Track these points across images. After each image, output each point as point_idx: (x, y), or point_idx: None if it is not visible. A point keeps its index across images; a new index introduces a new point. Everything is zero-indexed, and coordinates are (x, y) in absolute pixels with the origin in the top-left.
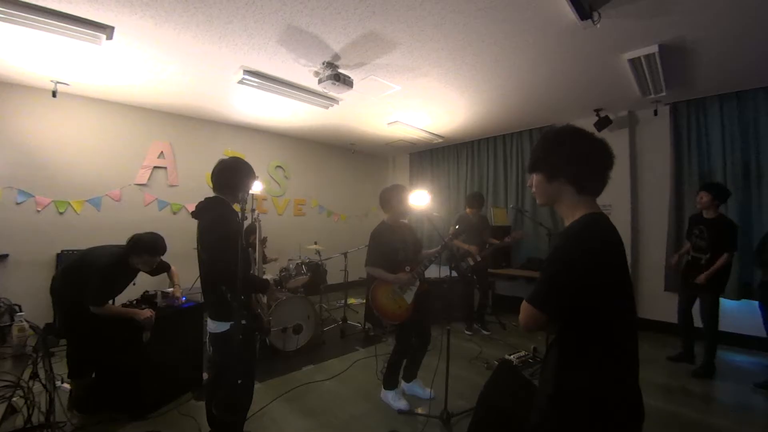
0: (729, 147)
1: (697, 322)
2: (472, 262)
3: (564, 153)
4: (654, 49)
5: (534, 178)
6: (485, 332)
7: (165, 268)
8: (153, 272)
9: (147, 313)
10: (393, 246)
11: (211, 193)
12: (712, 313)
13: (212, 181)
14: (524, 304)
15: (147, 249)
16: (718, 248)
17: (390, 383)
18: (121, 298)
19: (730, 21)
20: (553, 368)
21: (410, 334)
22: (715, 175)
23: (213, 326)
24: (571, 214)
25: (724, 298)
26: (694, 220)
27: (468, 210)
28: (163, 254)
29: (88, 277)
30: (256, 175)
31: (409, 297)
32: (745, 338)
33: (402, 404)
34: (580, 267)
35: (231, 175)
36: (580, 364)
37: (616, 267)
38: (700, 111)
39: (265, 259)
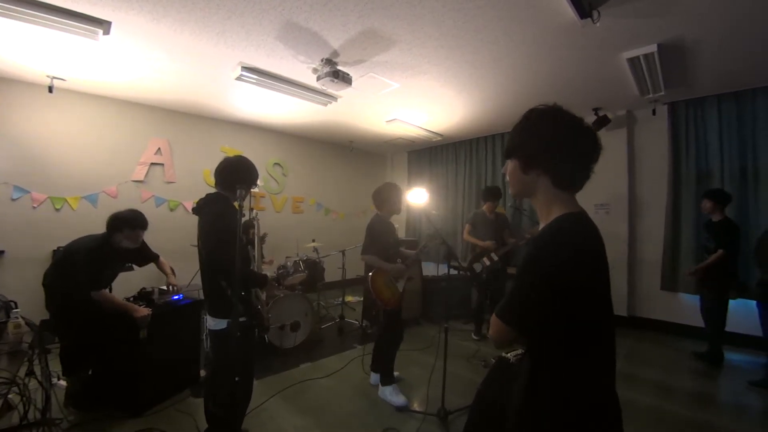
0: (727, 146)
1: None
2: (488, 263)
3: (543, 139)
4: (653, 48)
5: (508, 165)
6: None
7: (152, 257)
8: (140, 261)
9: (144, 311)
10: (388, 239)
11: (209, 190)
12: (709, 311)
13: (215, 177)
14: (493, 318)
15: (127, 222)
16: (719, 248)
17: (387, 379)
18: (119, 294)
19: (729, 21)
20: (523, 381)
21: (397, 323)
22: (712, 174)
23: (212, 323)
24: (546, 211)
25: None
26: (705, 226)
27: (486, 206)
28: (144, 228)
29: (75, 265)
30: (259, 174)
31: (400, 286)
32: (742, 337)
33: (401, 399)
34: (548, 279)
35: (233, 173)
36: (550, 378)
37: (593, 272)
38: (699, 111)
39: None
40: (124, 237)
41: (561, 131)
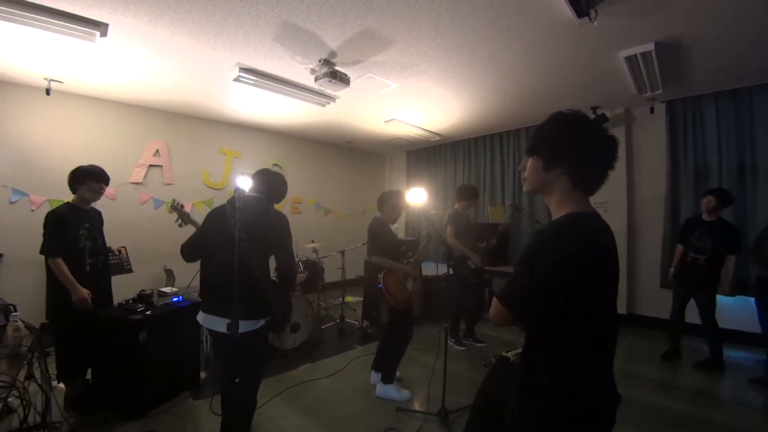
0: (725, 144)
1: (695, 320)
2: (472, 266)
3: (571, 142)
4: (650, 46)
5: (529, 162)
6: (480, 344)
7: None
8: (99, 234)
9: (83, 294)
10: (393, 240)
11: (208, 191)
12: (709, 309)
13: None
14: (494, 299)
15: (89, 174)
16: (719, 249)
17: (390, 376)
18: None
19: (726, 19)
20: (522, 364)
21: (408, 323)
22: (711, 172)
23: (243, 325)
24: (558, 208)
25: (720, 294)
26: (693, 222)
27: (459, 205)
28: (106, 183)
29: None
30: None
31: (409, 286)
32: (741, 334)
33: (405, 394)
34: (548, 271)
35: (278, 186)
36: (549, 361)
37: (592, 269)
38: (696, 109)
39: None
40: (87, 189)
41: (588, 137)
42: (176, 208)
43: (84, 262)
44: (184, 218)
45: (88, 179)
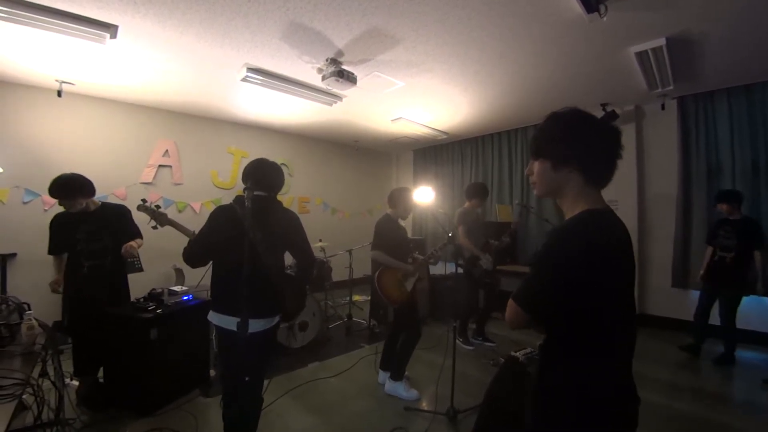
0: (737, 141)
1: (714, 320)
2: (484, 266)
3: (577, 136)
4: (661, 42)
5: (536, 165)
6: (489, 344)
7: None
8: (102, 234)
9: (55, 278)
10: (401, 238)
11: (217, 191)
12: (731, 308)
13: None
14: (510, 301)
15: (51, 187)
16: (745, 246)
17: (400, 374)
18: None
19: (738, 13)
20: (538, 366)
21: (417, 320)
22: (723, 169)
23: (262, 324)
24: (572, 207)
25: (755, 295)
26: (720, 222)
27: (469, 203)
28: (67, 196)
29: None
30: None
31: (409, 285)
32: (756, 335)
33: (413, 393)
34: (565, 271)
35: (276, 177)
36: (563, 362)
37: (609, 268)
38: (708, 105)
39: None
40: (62, 204)
41: (592, 129)
42: (146, 207)
43: (80, 264)
44: (160, 219)
45: (53, 192)
